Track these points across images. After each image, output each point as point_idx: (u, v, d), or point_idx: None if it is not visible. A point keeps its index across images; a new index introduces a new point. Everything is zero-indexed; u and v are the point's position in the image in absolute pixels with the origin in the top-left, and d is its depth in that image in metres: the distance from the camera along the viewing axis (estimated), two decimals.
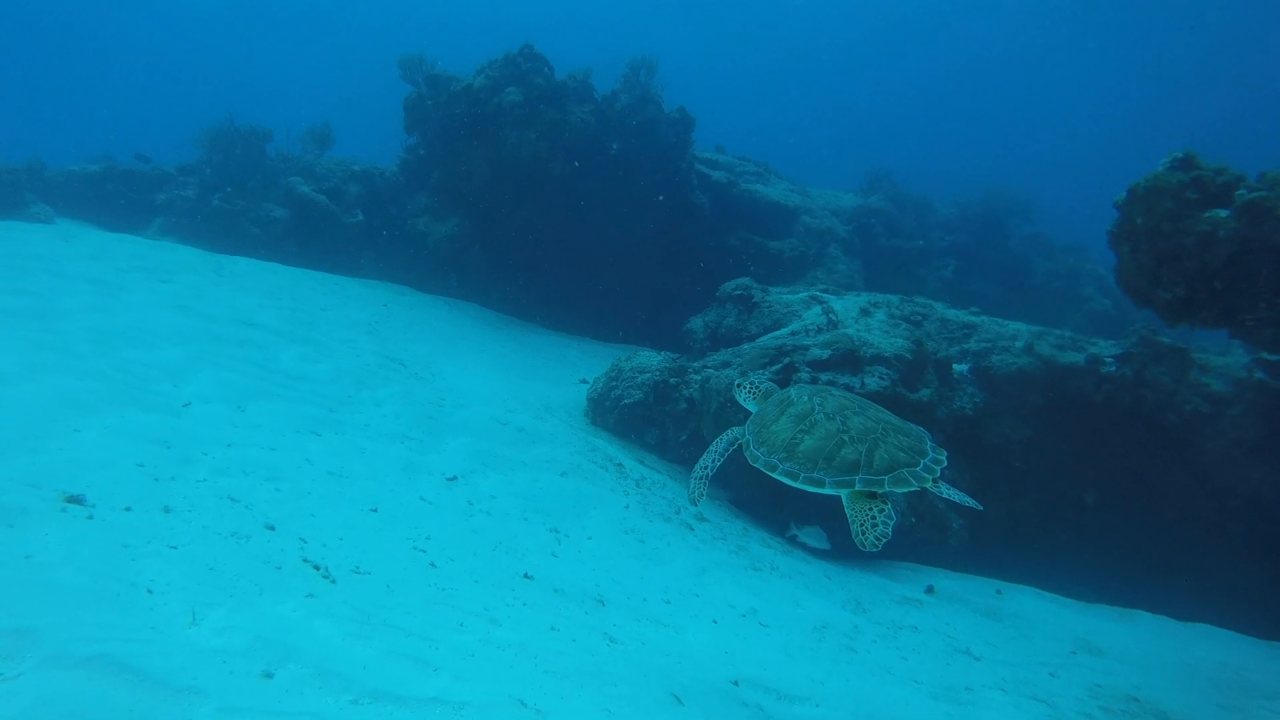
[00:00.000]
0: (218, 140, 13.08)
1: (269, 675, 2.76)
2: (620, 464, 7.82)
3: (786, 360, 8.73)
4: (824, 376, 8.12)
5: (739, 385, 3.81)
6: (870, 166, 19.83)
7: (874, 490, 2.83)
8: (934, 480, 2.89)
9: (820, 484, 2.86)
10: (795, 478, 2.93)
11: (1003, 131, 60.02)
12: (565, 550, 5.23)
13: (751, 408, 3.68)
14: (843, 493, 2.90)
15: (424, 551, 4.41)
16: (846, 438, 2.94)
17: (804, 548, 7.05)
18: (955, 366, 8.91)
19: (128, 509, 3.75)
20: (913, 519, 7.64)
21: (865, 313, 10.38)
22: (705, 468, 3.39)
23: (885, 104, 66.30)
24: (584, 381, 10.28)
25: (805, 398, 3.22)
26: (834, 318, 10.21)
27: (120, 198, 13.09)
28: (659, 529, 6.19)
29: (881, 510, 2.85)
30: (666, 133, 13.23)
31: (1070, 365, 8.96)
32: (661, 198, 13.75)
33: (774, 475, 3.01)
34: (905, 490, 2.83)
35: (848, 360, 8.35)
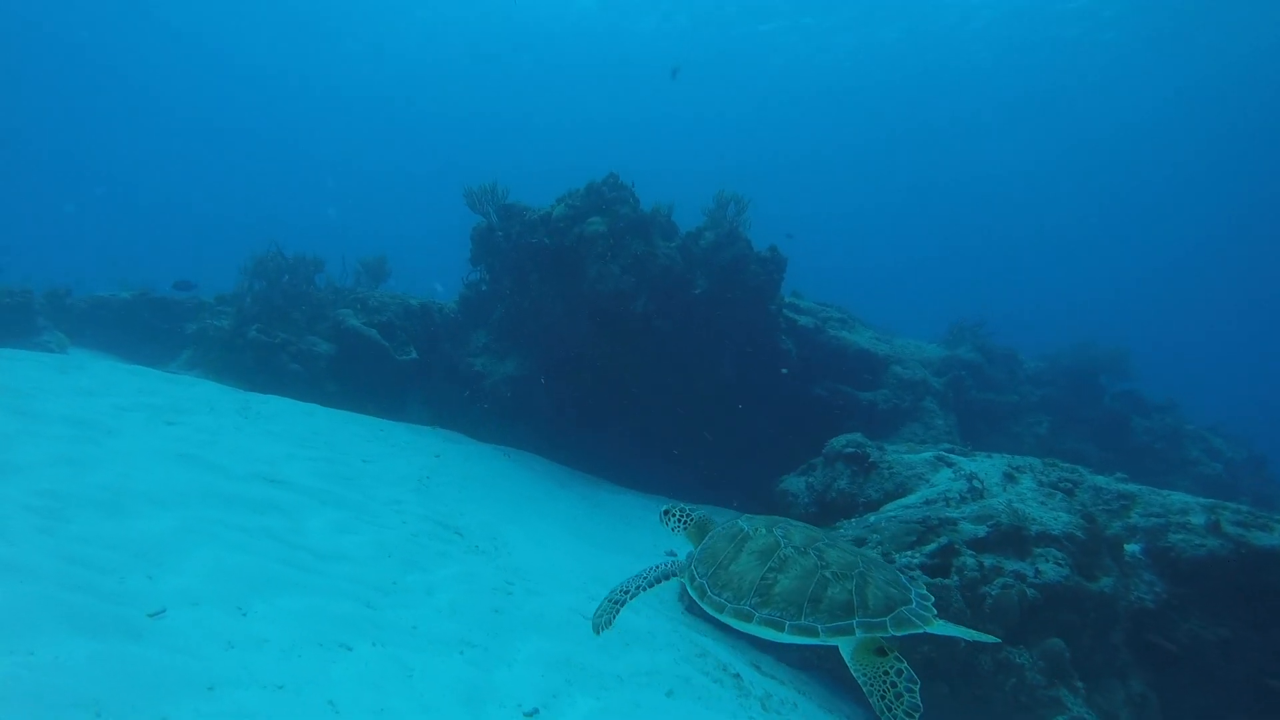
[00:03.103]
0: (263, 268, 11.89)
1: None
2: (737, 674, 6.03)
3: (942, 541, 7.20)
4: (987, 561, 6.59)
5: (665, 512, 3.20)
6: (953, 316, 18.70)
7: (876, 635, 2.38)
8: (935, 618, 2.48)
9: (812, 633, 2.39)
10: (780, 628, 2.43)
11: (1081, 283, 59.48)
12: None
13: (683, 539, 3.16)
14: (841, 641, 2.41)
15: None
16: (829, 574, 2.51)
17: None
18: (1126, 547, 7.44)
19: None
20: None
21: (1009, 478, 8.85)
22: (626, 592, 2.90)
23: (963, 253, 67.21)
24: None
25: (763, 529, 2.80)
26: (977, 484, 8.44)
27: (147, 327, 11.77)
28: None
29: (899, 673, 2.35)
30: (756, 273, 11.83)
31: (1269, 550, 7.16)
32: (748, 342, 12.18)
33: (749, 627, 2.51)
34: (908, 633, 2.40)
35: (1010, 539, 6.91)
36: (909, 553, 6.97)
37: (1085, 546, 6.80)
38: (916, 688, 2.35)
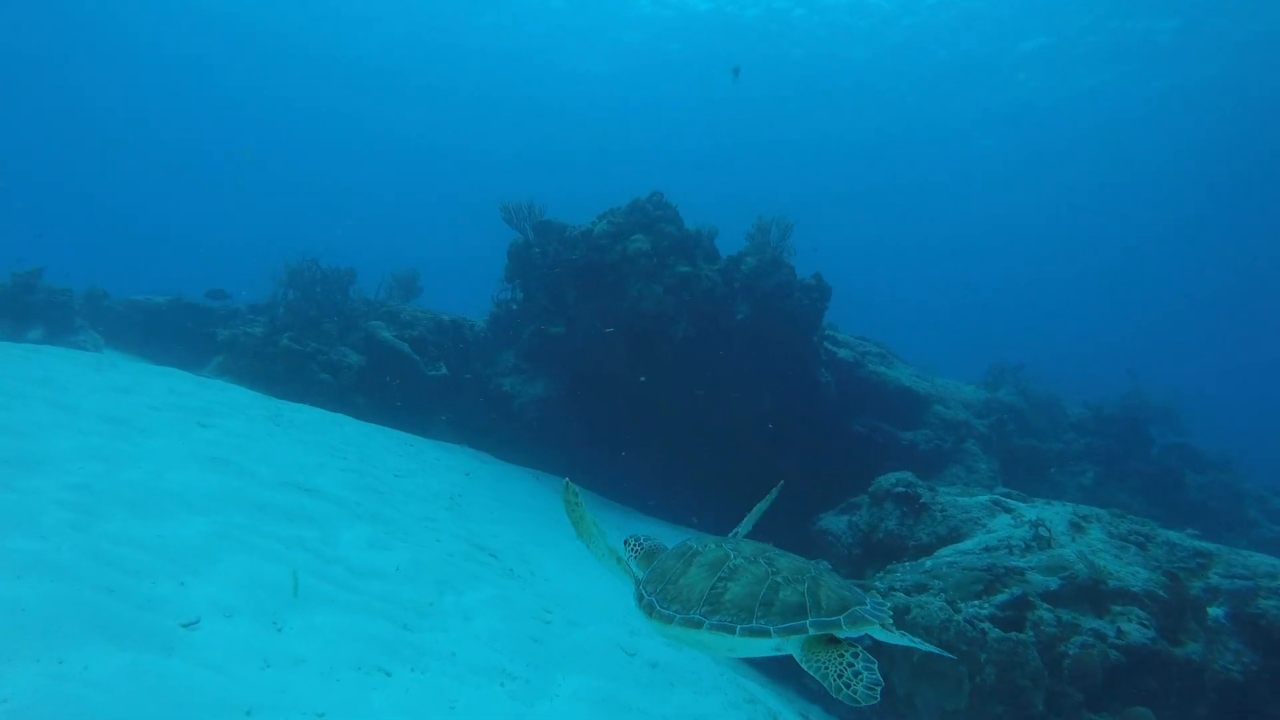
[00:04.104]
0: (297, 278, 11.74)
1: None
2: None
3: (1014, 592, 6.83)
4: (1065, 615, 6.19)
5: (625, 543, 3.12)
6: (983, 356, 18.29)
7: (831, 633, 2.29)
8: (891, 621, 2.43)
9: (764, 634, 2.28)
10: (731, 631, 2.31)
11: (1125, 330, 58.42)
12: None
13: (636, 570, 2.99)
14: (794, 641, 2.32)
15: None
16: (780, 579, 2.43)
17: None
18: (1210, 610, 6.87)
19: None
20: None
21: (1076, 528, 8.47)
22: None
23: (1003, 294, 66.58)
24: None
25: (713, 545, 2.69)
26: (1043, 532, 8.01)
27: (180, 332, 11.62)
28: None
29: (855, 654, 2.26)
30: (799, 301, 11.51)
31: None
32: (787, 374, 11.84)
33: (699, 635, 2.36)
34: (863, 633, 2.33)
35: (1086, 594, 6.51)
36: (976, 603, 6.55)
37: (1168, 607, 6.38)
38: (875, 665, 2.26)
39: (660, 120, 44.14)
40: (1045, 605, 6.55)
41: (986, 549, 7.84)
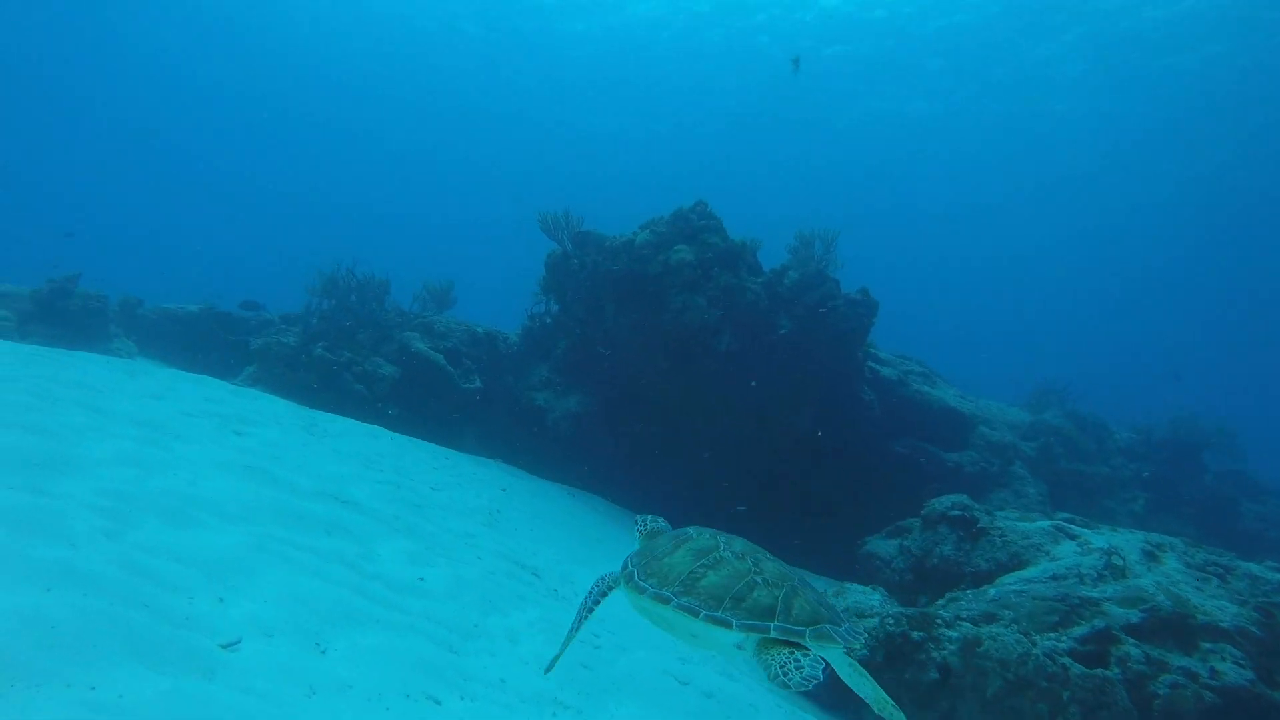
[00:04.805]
0: (332, 287, 11.58)
1: None
2: None
3: (1096, 625, 6.39)
4: (1153, 653, 5.79)
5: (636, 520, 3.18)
6: (1036, 379, 17.67)
7: (793, 641, 2.27)
8: (858, 650, 2.39)
9: (726, 624, 2.28)
10: (694, 614, 2.32)
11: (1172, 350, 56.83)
12: None
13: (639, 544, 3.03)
14: (753, 639, 2.32)
15: None
16: (760, 579, 2.42)
17: None
18: None
19: None
20: None
21: (1150, 557, 8.03)
22: (575, 625, 2.86)
23: (1045, 313, 65.55)
24: None
25: (707, 535, 2.72)
26: (1117, 561, 7.54)
27: (212, 338, 11.49)
28: None
29: (806, 654, 2.22)
30: (844, 315, 11.12)
31: None
32: (830, 391, 11.44)
33: (664, 611, 2.39)
34: (827, 649, 2.29)
35: (1171, 629, 6.09)
36: (1052, 635, 6.12)
37: (1264, 646, 5.92)
38: (821, 668, 2.21)
39: (686, 133, 44.04)
40: (1131, 641, 6.11)
41: (1054, 578, 7.41)
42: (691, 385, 10.28)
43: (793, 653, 2.25)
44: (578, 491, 10.60)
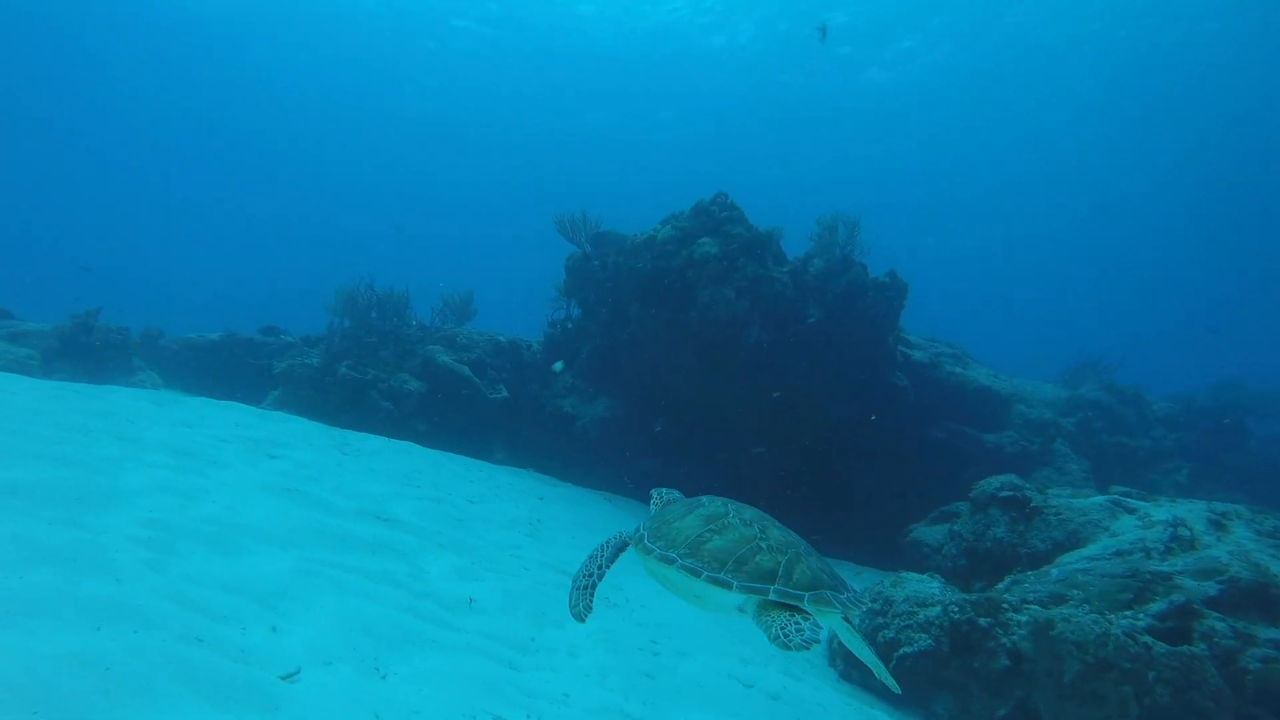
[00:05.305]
0: (352, 305, 11.47)
1: None
2: None
3: (1174, 600, 6.15)
4: (1238, 625, 5.49)
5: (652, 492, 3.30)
6: (1075, 353, 17.26)
7: (792, 604, 2.33)
8: (857, 616, 2.59)
9: (726, 586, 2.35)
10: (696, 575, 2.40)
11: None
12: None
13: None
14: (754, 601, 2.39)
15: None
16: (764, 545, 2.49)
17: None
18: None
19: None
20: None
21: (1217, 526, 7.71)
22: (589, 575, 2.73)
23: (1070, 288, 64.67)
24: None
25: (719, 503, 2.79)
26: (1184, 532, 7.26)
27: (236, 365, 11.41)
28: None
29: (806, 618, 2.28)
30: (874, 301, 10.87)
31: None
32: (861, 378, 11.17)
33: (668, 571, 2.47)
34: (826, 613, 2.36)
35: (1254, 600, 5.80)
36: (1128, 614, 5.83)
37: None
38: (820, 632, 2.27)
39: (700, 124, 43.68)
40: (1215, 615, 5.82)
41: (1119, 554, 7.12)
42: (721, 381, 10.06)
43: (793, 616, 2.31)
44: (613, 496, 10.42)
